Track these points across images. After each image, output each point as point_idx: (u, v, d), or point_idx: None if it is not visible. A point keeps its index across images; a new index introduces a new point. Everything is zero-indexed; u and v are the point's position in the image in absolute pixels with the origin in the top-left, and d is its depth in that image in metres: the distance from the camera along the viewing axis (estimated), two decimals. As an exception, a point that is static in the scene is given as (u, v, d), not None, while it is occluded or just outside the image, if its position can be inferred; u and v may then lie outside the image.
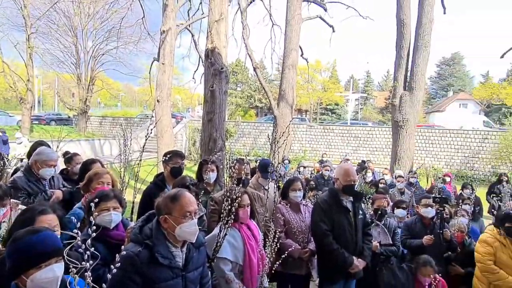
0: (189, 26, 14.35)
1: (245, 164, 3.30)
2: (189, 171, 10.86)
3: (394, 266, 3.26)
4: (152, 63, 14.56)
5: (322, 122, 32.61)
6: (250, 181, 3.54)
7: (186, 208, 1.73)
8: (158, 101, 11.27)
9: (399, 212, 4.10)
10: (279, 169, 7.65)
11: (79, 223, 1.33)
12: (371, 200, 3.84)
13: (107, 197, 2.08)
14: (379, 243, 3.33)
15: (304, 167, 9.85)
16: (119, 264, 1.20)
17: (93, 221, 1.19)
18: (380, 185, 5.96)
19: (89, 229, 1.12)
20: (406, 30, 10.55)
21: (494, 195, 5.82)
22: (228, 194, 2.11)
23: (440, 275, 3.06)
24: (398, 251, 3.39)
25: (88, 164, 3.03)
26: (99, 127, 25.55)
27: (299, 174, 8.34)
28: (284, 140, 3.43)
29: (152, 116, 18.46)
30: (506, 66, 42.94)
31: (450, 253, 3.56)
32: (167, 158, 2.81)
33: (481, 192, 7.36)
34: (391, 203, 4.39)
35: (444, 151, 18.56)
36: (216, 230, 2.24)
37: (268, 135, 17.07)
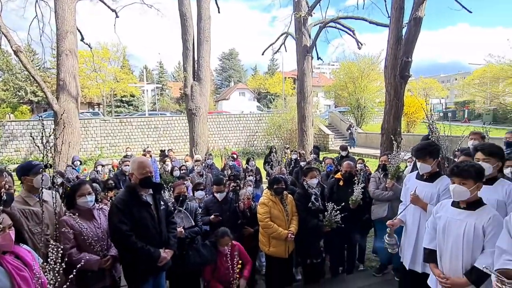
0: None
1: (5, 176, 2.51)
2: None
3: (198, 245, 3.48)
4: None
5: (119, 115, 30.34)
6: (19, 194, 2.77)
7: None
8: None
9: (198, 194, 4.40)
10: (67, 172, 6.49)
11: None
12: (172, 188, 3.91)
13: None
14: (183, 228, 3.44)
15: (103, 166, 8.92)
16: None
17: None
18: (181, 172, 6.20)
19: None
20: (189, 23, 11.24)
21: (267, 164, 7.29)
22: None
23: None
24: (201, 230, 3.64)
25: None
26: None
27: (97, 174, 7.51)
28: (59, 138, 2.85)
29: None
30: (267, 62, 54.72)
31: (242, 220, 4.19)
32: None
33: (259, 162, 9.11)
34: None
35: (232, 133, 21.70)
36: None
37: (31, 133, 13.90)
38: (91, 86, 33.17)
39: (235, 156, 7.87)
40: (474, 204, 2.30)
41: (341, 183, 4.40)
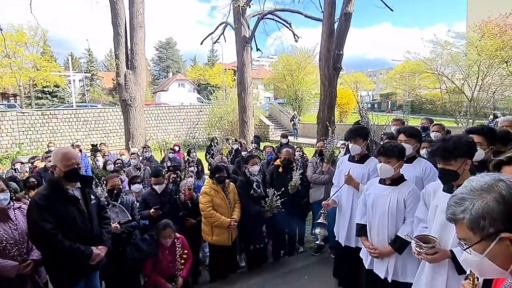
0: None
1: None
2: None
3: (137, 240, 3.29)
4: None
5: (41, 108, 27.13)
6: None
7: None
8: None
9: (135, 187, 4.15)
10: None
11: None
12: (105, 182, 3.62)
13: None
14: (118, 223, 3.22)
15: (22, 163, 7.95)
16: None
17: None
18: (115, 166, 5.80)
19: None
20: (119, 6, 10.44)
21: (209, 155, 7.19)
22: None
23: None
24: (138, 224, 3.44)
25: None
26: None
27: (16, 172, 6.64)
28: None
29: None
30: (207, 53, 53.61)
31: (184, 211, 4.07)
32: None
33: (201, 154, 8.94)
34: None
35: (171, 125, 20.91)
36: None
37: None
38: (4, 75, 28.96)
39: (176, 148, 7.59)
40: (397, 180, 2.55)
41: (280, 169, 4.53)
